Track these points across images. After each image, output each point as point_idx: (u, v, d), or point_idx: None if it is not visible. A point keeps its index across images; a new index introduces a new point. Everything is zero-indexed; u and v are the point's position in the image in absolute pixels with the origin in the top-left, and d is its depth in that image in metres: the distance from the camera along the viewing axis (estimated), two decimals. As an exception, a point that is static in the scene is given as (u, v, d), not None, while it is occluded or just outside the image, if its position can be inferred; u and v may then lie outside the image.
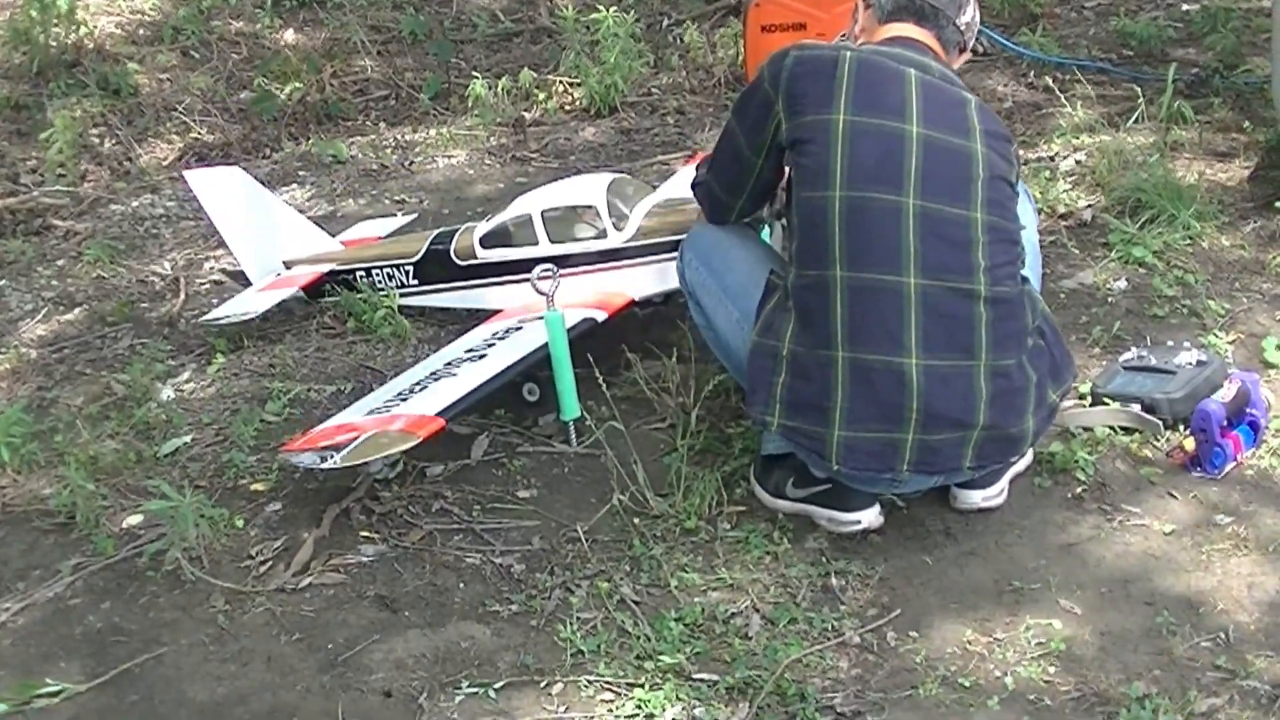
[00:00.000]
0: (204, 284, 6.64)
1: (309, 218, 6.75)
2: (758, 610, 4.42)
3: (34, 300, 6.61)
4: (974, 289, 4.32)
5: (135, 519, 4.99)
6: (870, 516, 4.67)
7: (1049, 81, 7.82)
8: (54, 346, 6.18)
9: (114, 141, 8.20)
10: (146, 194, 7.64)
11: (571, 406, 5.17)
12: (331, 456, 4.68)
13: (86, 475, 5.02)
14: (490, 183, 7.56)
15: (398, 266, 6.05)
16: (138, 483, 5.17)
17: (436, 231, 6.03)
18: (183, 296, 6.47)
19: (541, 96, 8.30)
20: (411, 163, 7.90)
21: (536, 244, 5.60)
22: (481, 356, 5.12)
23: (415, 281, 6.04)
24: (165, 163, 8.11)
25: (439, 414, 4.80)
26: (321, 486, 5.04)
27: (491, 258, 5.75)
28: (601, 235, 5.46)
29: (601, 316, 5.31)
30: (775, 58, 4.49)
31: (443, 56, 8.80)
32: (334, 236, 6.63)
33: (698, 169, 5.03)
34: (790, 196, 4.56)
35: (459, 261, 5.85)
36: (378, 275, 6.14)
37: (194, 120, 8.52)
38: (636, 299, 5.46)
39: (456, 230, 5.98)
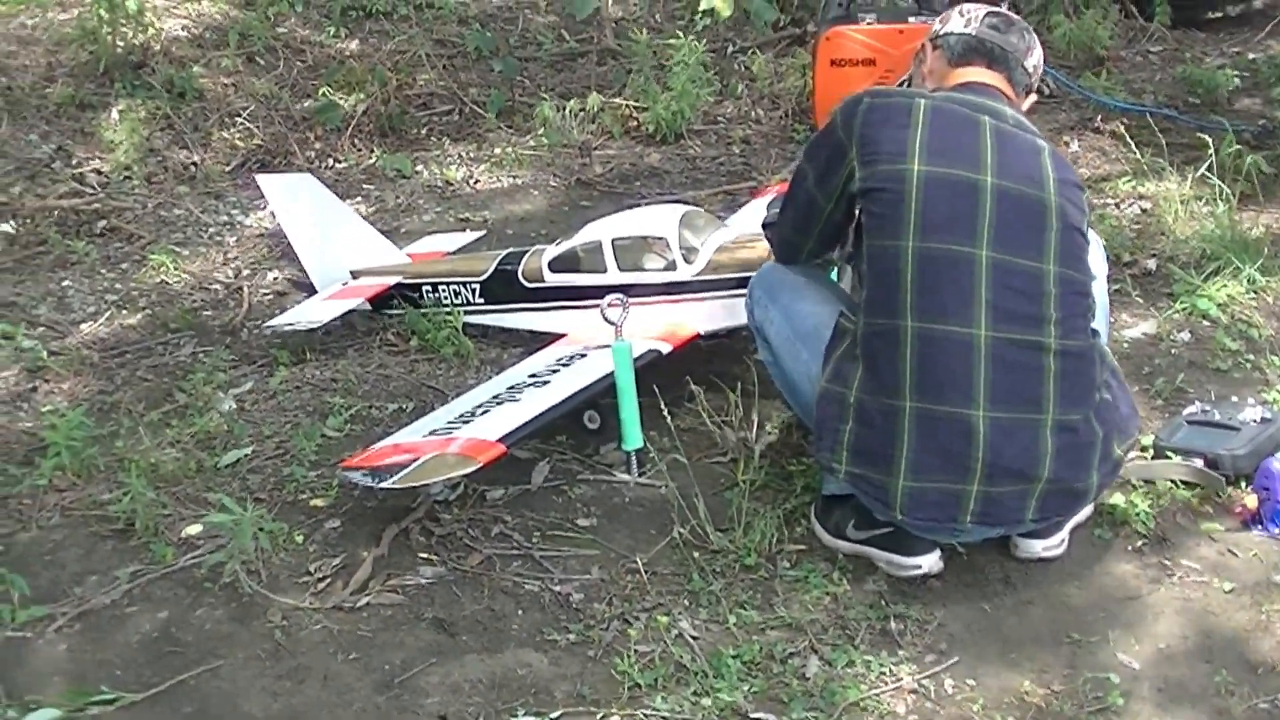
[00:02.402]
0: (267, 294, 6.64)
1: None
2: (816, 651, 4.39)
3: (96, 302, 6.62)
4: (1044, 341, 4.29)
5: (194, 529, 4.97)
6: (930, 562, 4.63)
7: (1117, 127, 7.73)
8: (115, 350, 6.19)
9: (179, 145, 8.13)
10: (210, 199, 7.66)
11: (635, 437, 5.15)
12: (388, 476, 4.66)
13: (147, 483, 5.00)
14: (554, 205, 7.57)
15: (464, 284, 6.07)
16: (197, 493, 5.15)
17: (505, 252, 6.05)
18: (246, 306, 6.46)
19: (607, 119, 8.20)
20: (476, 181, 7.90)
21: (605, 271, 5.61)
22: (545, 383, 5.11)
23: (481, 300, 6.06)
24: (228, 169, 8.03)
25: (500, 439, 4.77)
26: (381, 505, 5.01)
27: (559, 282, 5.76)
28: (671, 267, 5.46)
29: (666, 349, 5.31)
30: (849, 103, 4.47)
31: (508, 74, 8.79)
32: (401, 249, 6.61)
33: (769, 208, 5.02)
34: (860, 242, 4.54)
35: (526, 283, 5.87)
36: (444, 291, 6.16)
37: (257, 126, 8.47)
38: (701, 333, 5.40)
39: (525, 252, 5.99)
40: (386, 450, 4.88)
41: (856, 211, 4.43)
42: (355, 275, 6.37)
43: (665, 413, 5.02)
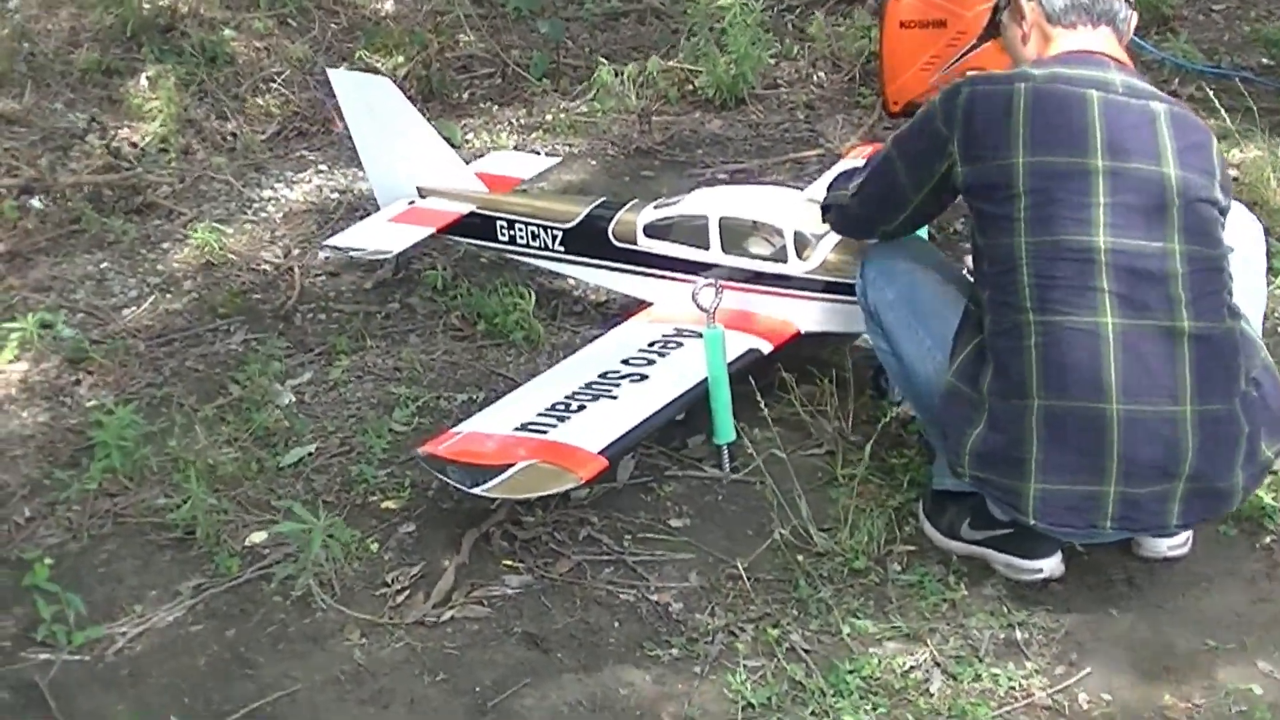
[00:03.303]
0: (319, 274, 6.28)
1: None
2: (938, 664, 4.10)
3: (138, 286, 6.26)
4: (1175, 326, 4.02)
5: (259, 536, 4.66)
6: (1052, 565, 4.36)
7: (1196, 91, 7.35)
8: (161, 338, 5.83)
9: (217, 115, 7.74)
10: (251, 171, 7.29)
11: (727, 429, 4.84)
12: (480, 480, 4.34)
13: (205, 486, 4.68)
14: (614, 175, 7.20)
15: (545, 228, 5.70)
16: (259, 496, 4.85)
17: (596, 202, 5.63)
18: (298, 289, 6.11)
19: (663, 84, 7.82)
20: (531, 150, 7.46)
21: (707, 249, 5.26)
22: (642, 377, 4.78)
23: (561, 249, 5.69)
24: (263, 136, 7.62)
25: (602, 451, 4.44)
26: (458, 506, 4.71)
27: (653, 249, 5.41)
28: (780, 258, 5.11)
29: (768, 348, 4.98)
30: (948, 94, 4.22)
31: (554, 36, 8.41)
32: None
33: (831, 188, 4.81)
34: (973, 239, 4.32)
35: (616, 242, 5.50)
36: (520, 231, 5.77)
37: (292, 92, 8.08)
38: (803, 332, 5.07)
39: (620, 207, 5.58)
40: (470, 439, 4.57)
41: (948, 205, 4.39)
42: (422, 194, 6.03)
43: (762, 404, 4.72)
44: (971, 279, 4.50)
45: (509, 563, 4.54)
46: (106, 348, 5.70)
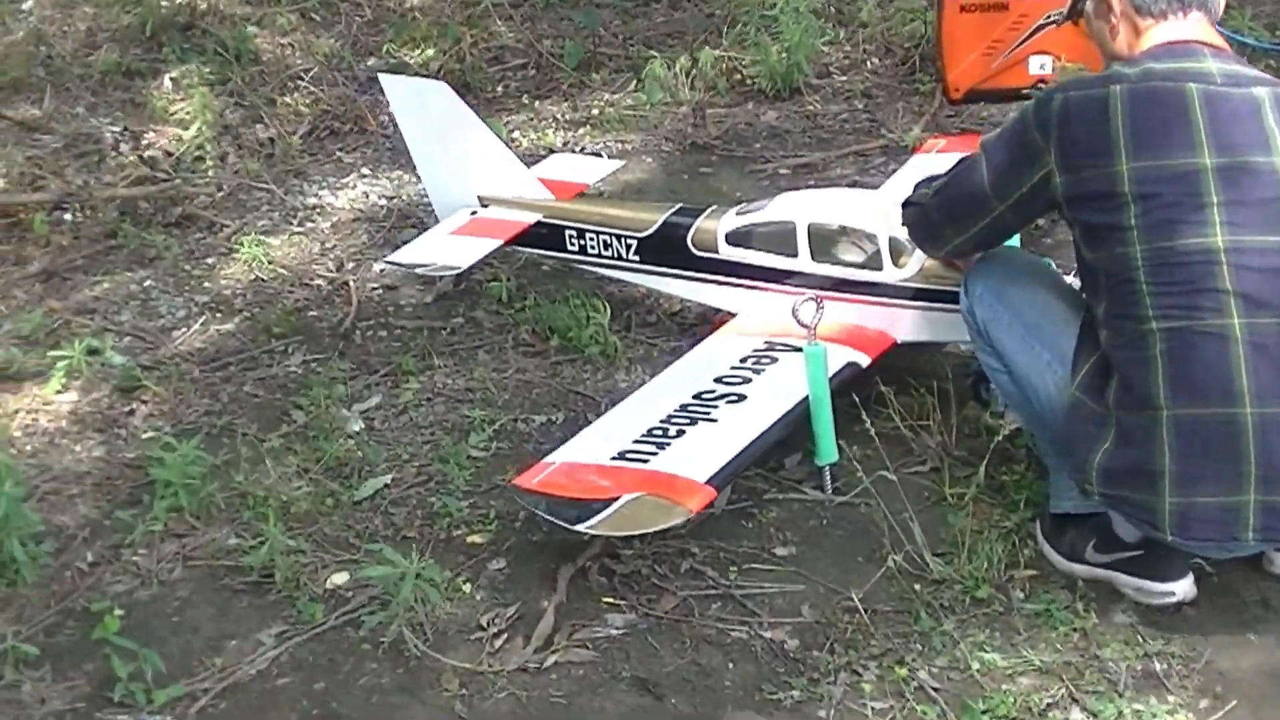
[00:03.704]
0: (375, 288, 5.99)
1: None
2: (1076, 700, 3.84)
3: (186, 305, 5.97)
4: None
5: (340, 578, 4.41)
6: (1184, 587, 4.13)
7: (1265, 69, 7.01)
8: (216, 362, 5.55)
9: (251, 119, 7.44)
10: (291, 178, 7.01)
11: (830, 450, 4.60)
12: (583, 516, 4.12)
13: (281, 525, 4.38)
14: (672, 172, 6.93)
15: (619, 237, 5.42)
16: (336, 533, 4.59)
17: (673, 208, 5.37)
18: (355, 305, 5.81)
19: (711, 74, 7.52)
20: (581, 147, 7.18)
21: (795, 257, 5.00)
22: (740, 398, 4.56)
23: (636, 258, 5.42)
24: (294, 136, 7.29)
25: (710, 481, 4.21)
26: (548, 539, 4.45)
27: (736, 257, 5.14)
28: (874, 266, 4.85)
29: (865, 361, 4.73)
30: (1041, 102, 4.00)
31: (590, 25, 8.13)
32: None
33: (916, 187, 4.57)
34: (1079, 253, 4.10)
35: (696, 251, 5.24)
36: (591, 240, 5.49)
37: (321, 90, 7.76)
38: (899, 342, 4.81)
39: (698, 213, 5.31)
40: (565, 470, 4.33)
41: (1031, 220, 4.34)
42: (484, 203, 5.65)
43: (864, 418, 4.52)
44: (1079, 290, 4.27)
45: (610, 600, 4.28)
46: (159, 374, 5.43)
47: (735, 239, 5.13)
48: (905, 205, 4.60)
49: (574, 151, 7.13)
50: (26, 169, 6.92)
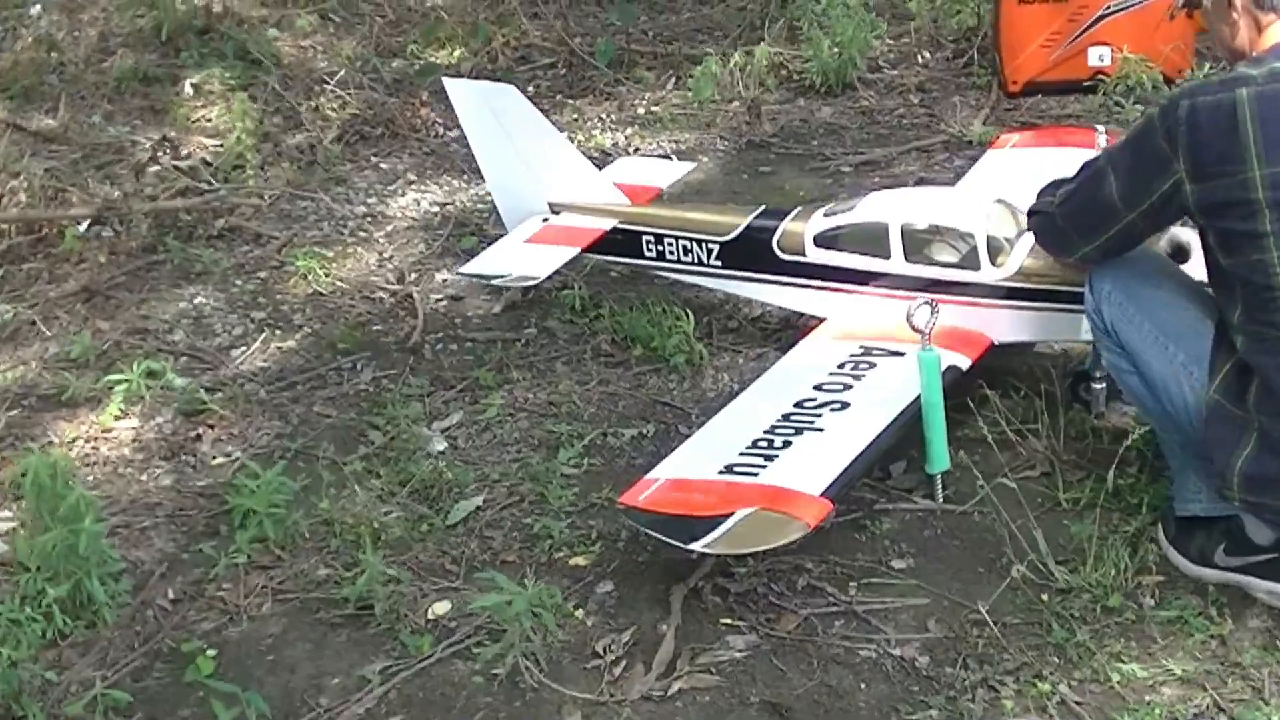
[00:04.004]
0: (440, 299, 5.82)
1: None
2: (1222, 709, 3.69)
3: (242, 323, 5.77)
4: None
5: (442, 608, 4.23)
6: (1317, 590, 3.87)
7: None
8: (282, 382, 5.36)
9: (292, 125, 7.24)
10: (335, 186, 6.81)
11: (943, 458, 4.44)
12: (700, 536, 3.91)
13: (375, 553, 4.20)
14: (730, 172, 6.77)
15: (699, 242, 5.24)
16: (432, 560, 4.42)
17: (756, 211, 5.22)
18: (421, 318, 5.62)
19: (763, 65, 7.37)
20: (635, 149, 6.99)
21: (888, 258, 4.84)
22: (844, 405, 4.38)
23: (719, 263, 5.24)
24: (327, 140, 7.11)
25: (825, 494, 4.03)
26: (653, 558, 4.30)
27: (825, 260, 4.98)
28: (971, 265, 4.70)
29: (966, 364, 4.57)
30: (1166, 110, 3.82)
31: (626, 21, 7.96)
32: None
33: (1041, 194, 4.40)
34: (1212, 259, 3.93)
35: (782, 254, 5.08)
36: (670, 246, 5.31)
37: (349, 94, 7.55)
38: (997, 342, 4.66)
39: (783, 216, 5.15)
40: (672, 487, 4.16)
41: (1165, 226, 4.15)
42: (555, 209, 5.50)
43: (973, 423, 4.47)
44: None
45: (728, 621, 4.11)
46: (223, 396, 5.22)
47: (824, 241, 4.98)
48: (1031, 214, 4.44)
49: (630, 154, 6.92)
50: (46, 182, 6.68)
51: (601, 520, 4.50)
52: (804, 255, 4.99)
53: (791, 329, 5.33)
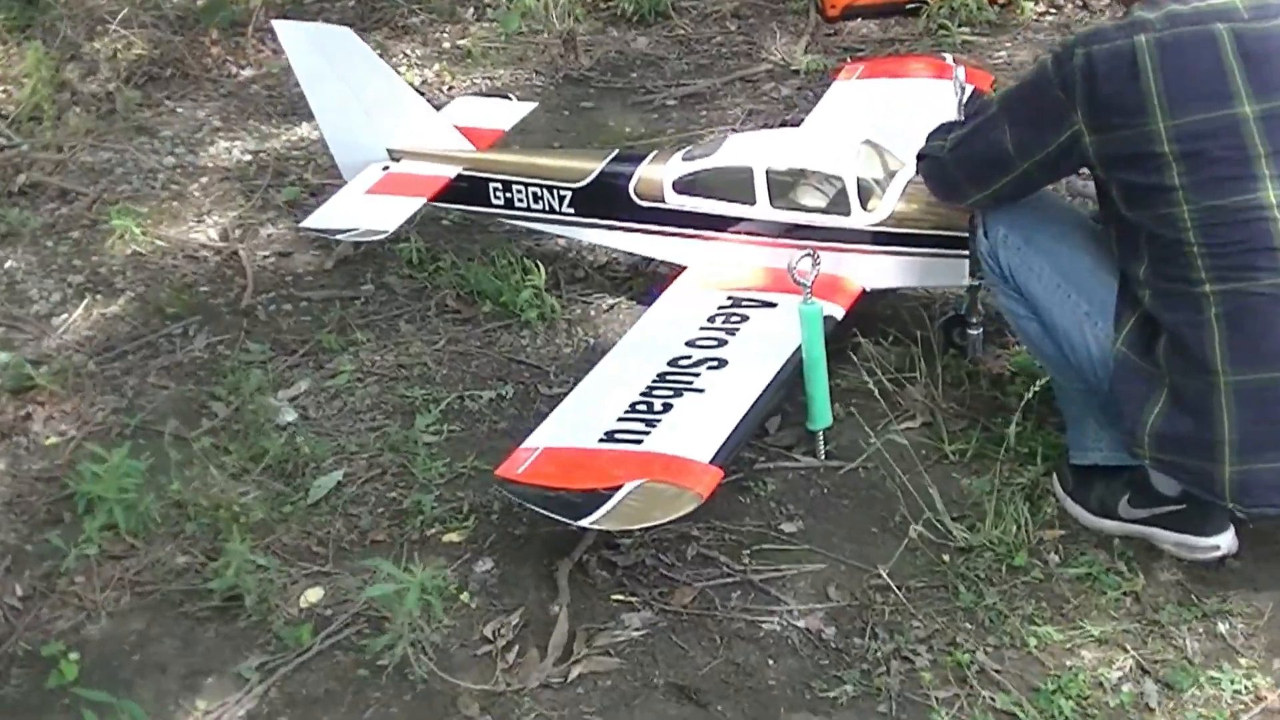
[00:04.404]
0: (268, 256, 5.48)
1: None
2: (1147, 671, 3.60)
3: (60, 287, 5.40)
4: None
5: (315, 595, 3.98)
6: (1228, 540, 3.89)
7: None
8: (110, 351, 5.03)
9: (77, 67, 6.80)
10: (139, 135, 6.40)
11: (825, 414, 4.28)
12: (588, 512, 3.71)
13: (238, 538, 3.92)
14: (551, 109, 6.50)
15: (550, 189, 5.00)
16: (296, 541, 4.17)
17: (609, 155, 5.01)
18: (250, 277, 5.28)
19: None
20: (450, 87, 6.71)
21: (753, 204, 4.64)
22: (721, 363, 4.21)
23: (571, 210, 5.00)
24: (116, 84, 6.70)
25: (714, 460, 3.84)
26: (533, 531, 4.09)
27: (686, 206, 4.76)
28: (840, 210, 4.52)
29: (840, 314, 4.40)
30: (1061, 57, 3.68)
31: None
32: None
33: (930, 137, 4.23)
34: (1113, 210, 3.79)
35: (639, 201, 4.84)
36: (520, 193, 5.05)
37: (133, 33, 7.13)
38: (868, 290, 4.49)
39: (639, 160, 4.93)
40: (551, 458, 3.94)
41: (1062, 177, 4.06)
42: (395, 156, 5.19)
43: (857, 374, 4.34)
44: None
45: (619, 597, 3.92)
46: (50, 370, 4.86)
47: (683, 186, 4.77)
48: (920, 157, 4.28)
49: (445, 93, 6.62)
50: None
51: (471, 491, 4.29)
52: (663, 201, 4.79)
53: (642, 276, 5.17)
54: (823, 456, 4.36)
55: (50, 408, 4.74)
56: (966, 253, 4.38)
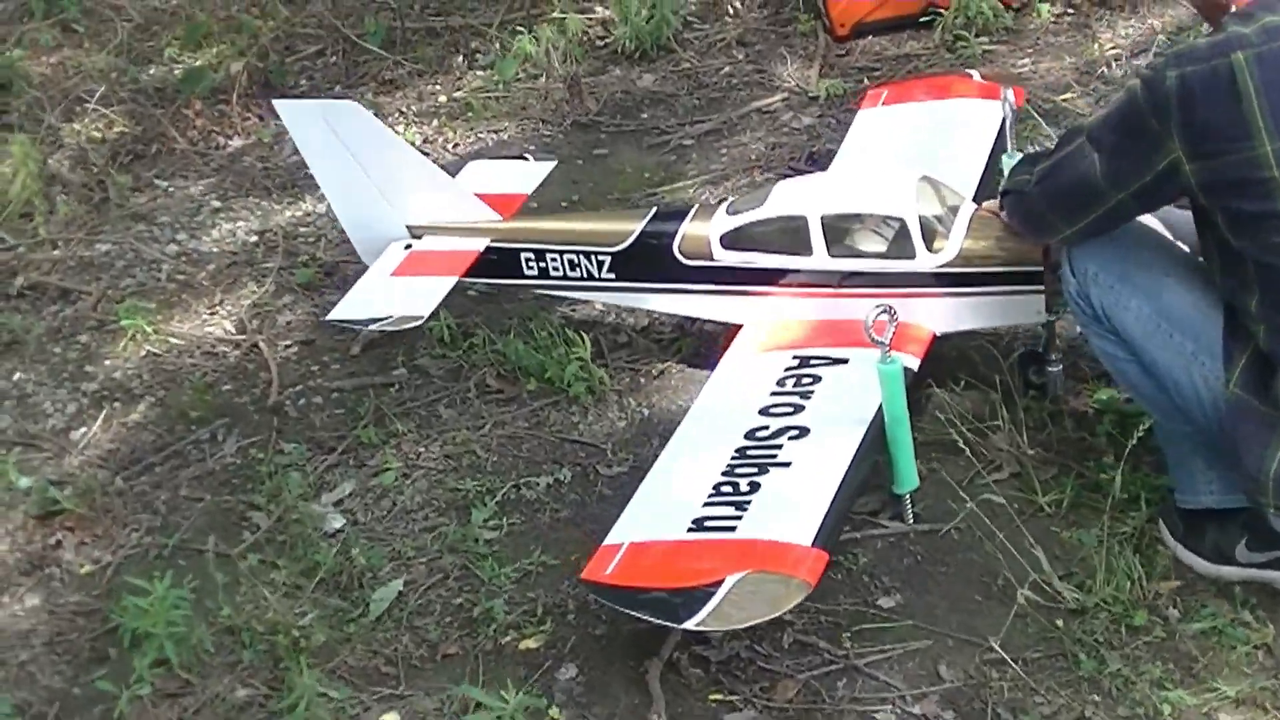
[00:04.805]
0: (290, 345, 5.19)
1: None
2: (1291, 732, 3.26)
3: (74, 398, 5.12)
4: None
5: (390, 720, 3.56)
6: (1356, 584, 3.58)
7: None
8: (137, 464, 4.77)
9: (61, 154, 6.52)
10: (136, 224, 6.09)
11: (911, 475, 4.03)
12: (691, 613, 3.45)
13: (300, 665, 3.70)
14: (564, 159, 6.08)
15: (588, 254, 4.72)
16: (362, 663, 3.91)
17: (649, 214, 4.75)
18: (274, 370, 4.99)
19: (565, 42, 6.78)
20: (454, 144, 6.43)
21: (809, 254, 4.38)
22: (802, 431, 3.94)
23: (611, 275, 4.72)
24: (99, 167, 6.40)
25: (817, 542, 3.58)
26: (614, 630, 3.86)
27: (737, 262, 4.50)
28: (905, 254, 4.28)
29: (915, 364, 4.15)
30: (1151, 82, 3.43)
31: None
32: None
33: (1013, 172, 4.04)
34: (1217, 240, 3.57)
35: (685, 260, 4.58)
36: (554, 261, 4.78)
37: (113, 111, 6.85)
38: (938, 335, 4.26)
39: (680, 217, 4.68)
40: (639, 554, 3.68)
41: (1159, 207, 3.73)
42: (416, 234, 4.90)
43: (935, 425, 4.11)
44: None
45: (718, 696, 3.68)
46: (75, 490, 4.57)
47: (732, 241, 4.52)
48: (1004, 194, 4.05)
49: (449, 151, 6.33)
50: None
51: (543, 591, 4.04)
52: (711, 259, 4.54)
53: (689, 336, 4.93)
54: (911, 520, 4.11)
55: (80, 532, 4.46)
56: (1042, 287, 4.15)
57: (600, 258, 4.69)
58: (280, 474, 4.55)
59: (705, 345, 4.76)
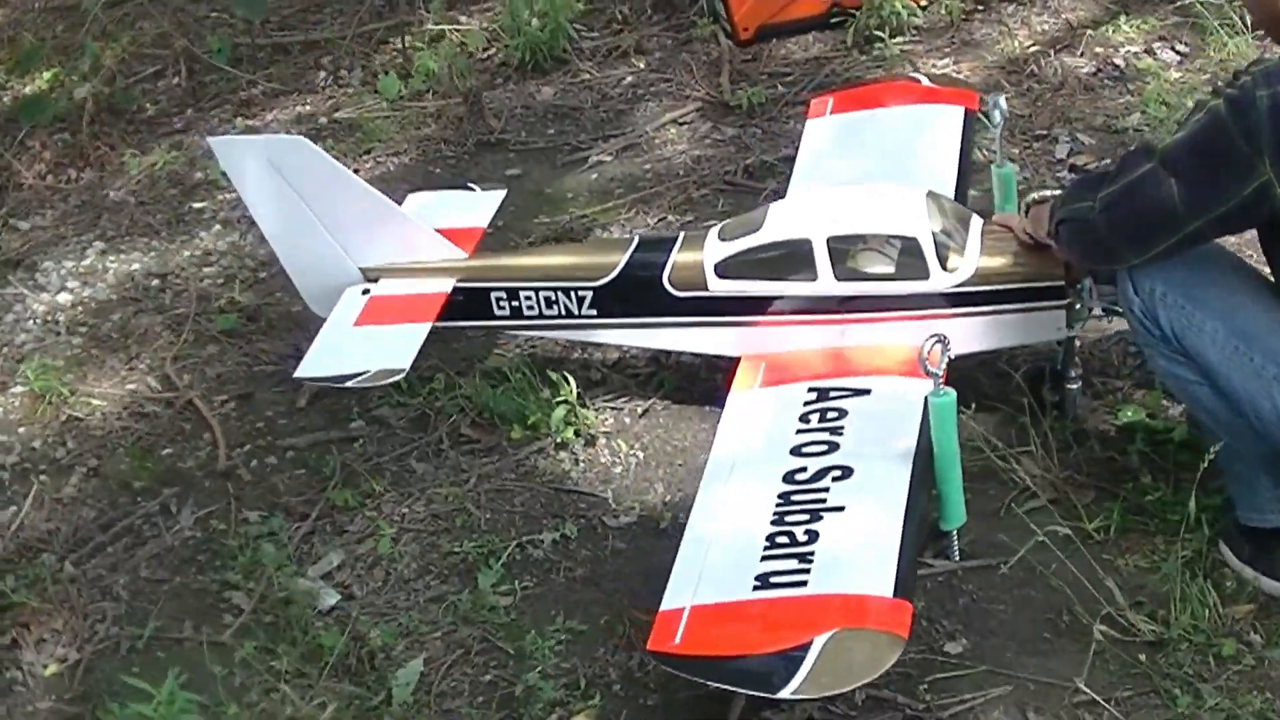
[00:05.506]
0: (226, 401, 4.77)
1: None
2: None
3: (-1, 474, 4.56)
4: None
5: (440, 820, 3.28)
6: None
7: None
8: (84, 545, 4.34)
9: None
10: (19, 272, 5.62)
11: (959, 511, 3.84)
12: (785, 680, 3.21)
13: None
14: (477, 182, 5.66)
15: (567, 291, 4.42)
16: (394, 758, 3.43)
17: (634, 242, 4.48)
18: (217, 431, 4.56)
19: (474, 48, 6.46)
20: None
21: (814, 279, 4.14)
22: (846, 471, 3.72)
23: (593, 311, 4.43)
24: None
25: (898, 591, 3.37)
26: (668, 698, 3.61)
27: (734, 291, 4.25)
28: (918, 274, 4.08)
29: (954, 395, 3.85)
30: (1240, 103, 3.28)
31: (254, 14, 6.88)
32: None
33: (1071, 200, 3.79)
34: None
35: (676, 292, 4.31)
36: (529, 300, 4.46)
37: (-53, 149, 6.39)
38: (953, 357, 3.95)
39: (668, 246, 4.41)
40: (706, 618, 3.41)
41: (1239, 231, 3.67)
42: (371, 277, 4.57)
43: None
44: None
45: (797, 762, 3.32)
46: (19, 580, 4.11)
47: (727, 269, 4.26)
48: (1061, 221, 3.81)
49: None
50: None
51: (578, 660, 3.76)
52: (705, 289, 4.28)
53: (667, 370, 4.67)
54: (957, 557, 3.91)
55: (37, 628, 4.06)
56: (1062, 303, 4.02)
57: (581, 293, 4.39)
58: (252, 546, 4.17)
59: (686, 380, 4.56)
